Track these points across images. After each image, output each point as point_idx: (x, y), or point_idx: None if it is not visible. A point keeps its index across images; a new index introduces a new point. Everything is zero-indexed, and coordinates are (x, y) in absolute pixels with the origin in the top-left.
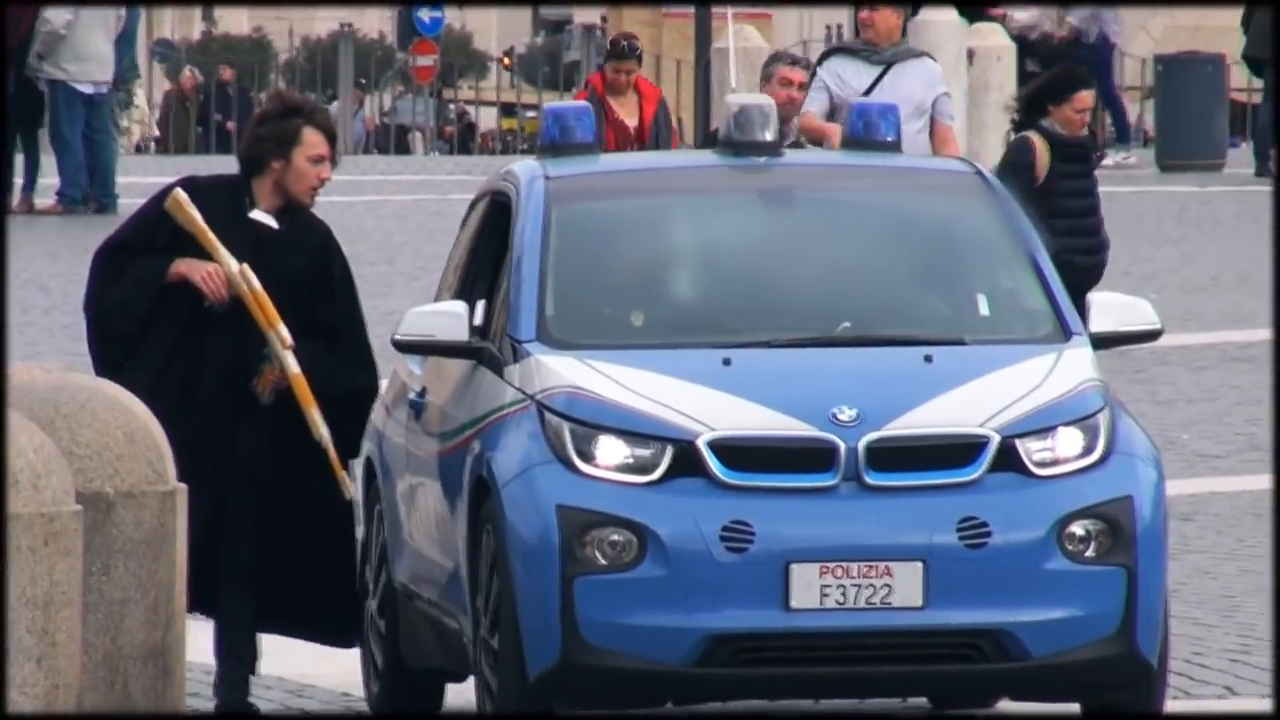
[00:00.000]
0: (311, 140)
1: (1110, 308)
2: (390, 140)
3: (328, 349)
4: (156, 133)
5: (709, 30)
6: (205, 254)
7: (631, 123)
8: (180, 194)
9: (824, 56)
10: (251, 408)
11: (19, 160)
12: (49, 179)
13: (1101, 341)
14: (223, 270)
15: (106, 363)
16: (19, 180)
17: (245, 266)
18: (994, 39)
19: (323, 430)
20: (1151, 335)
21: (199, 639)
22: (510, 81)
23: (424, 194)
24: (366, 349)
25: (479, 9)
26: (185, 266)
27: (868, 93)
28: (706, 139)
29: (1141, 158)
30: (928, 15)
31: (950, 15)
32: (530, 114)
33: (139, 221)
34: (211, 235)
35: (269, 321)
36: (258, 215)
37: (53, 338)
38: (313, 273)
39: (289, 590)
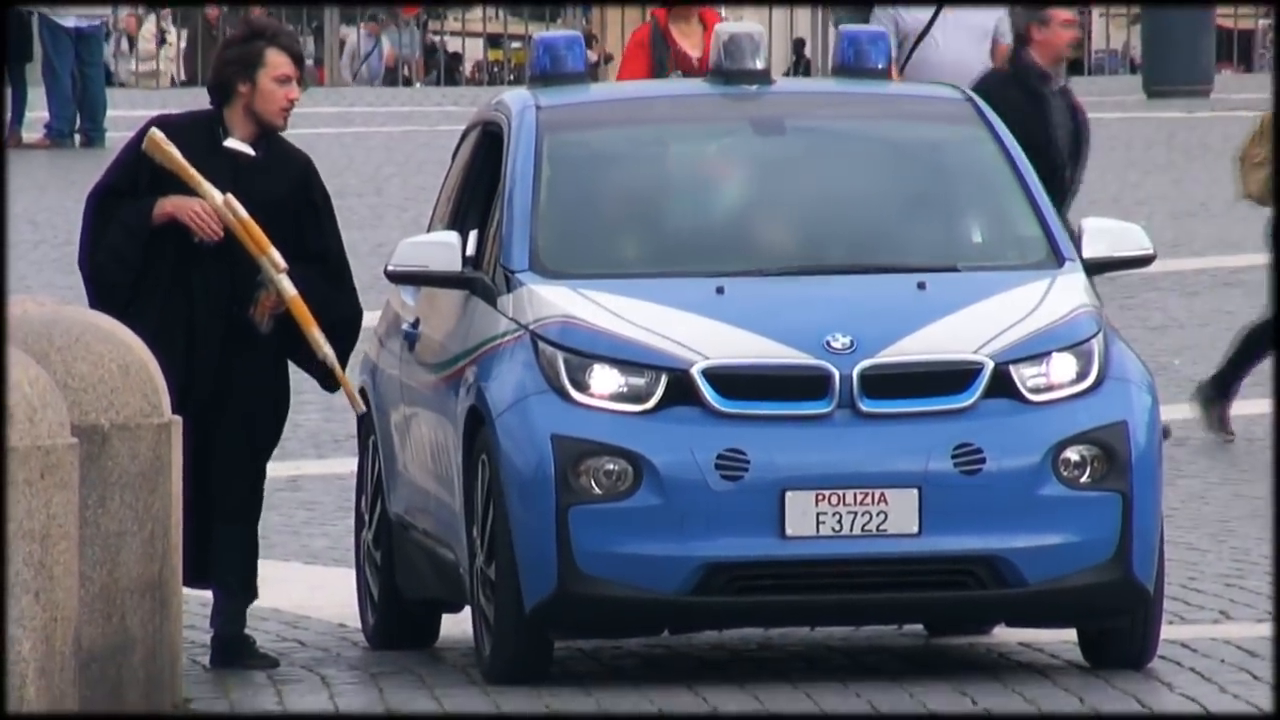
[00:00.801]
0: (275, 61)
1: (1103, 233)
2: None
3: (318, 275)
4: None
5: None
6: (187, 190)
7: (695, 54)
8: (156, 133)
9: None
10: (245, 339)
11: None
12: (37, 113)
13: (1094, 267)
14: (209, 204)
15: (108, 311)
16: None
17: (230, 196)
18: None
19: (326, 349)
20: (1144, 260)
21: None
22: (495, 13)
23: (411, 125)
24: (350, 277)
25: None
26: (171, 206)
27: (931, 22)
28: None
29: (1130, 84)
30: None
31: None
32: (515, 45)
33: (121, 164)
34: (192, 170)
35: (260, 248)
36: (233, 144)
37: (41, 272)
38: (295, 199)
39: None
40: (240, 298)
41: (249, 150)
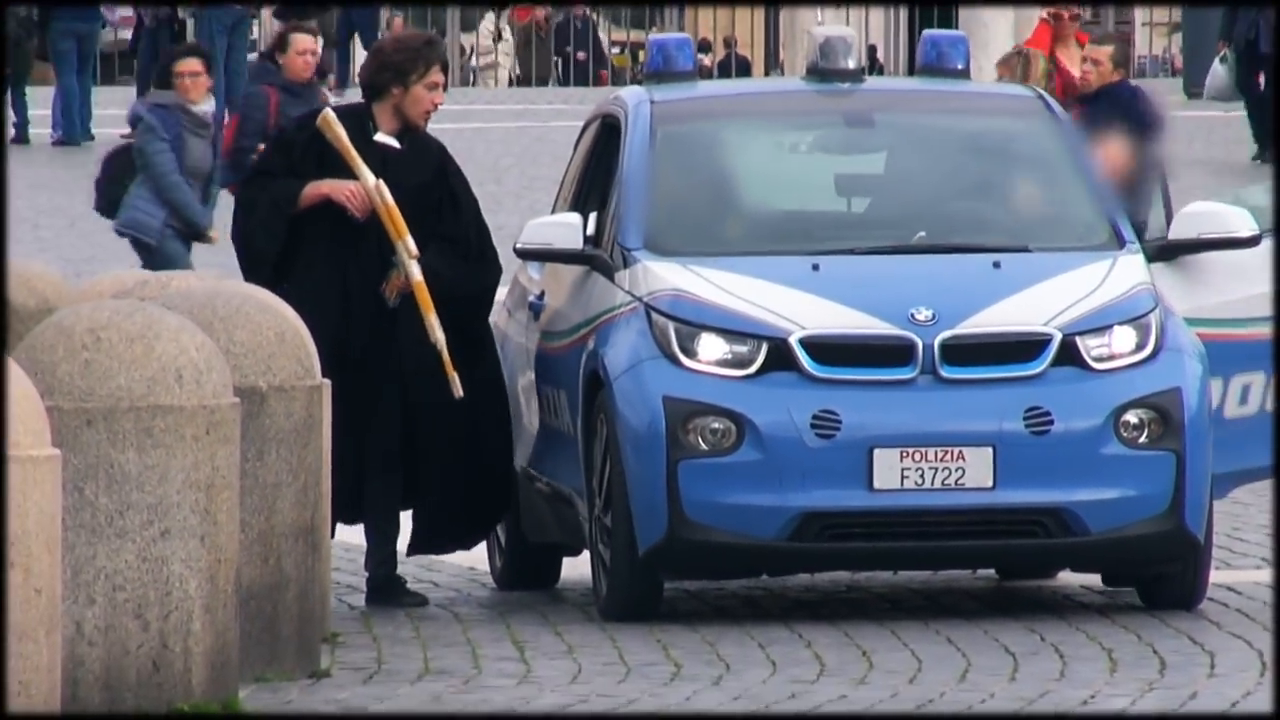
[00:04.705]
0: (429, 69)
1: (1194, 217)
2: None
3: (453, 254)
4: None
5: None
6: (332, 175)
7: (1076, 72)
8: (330, 113)
9: None
10: (392, 310)
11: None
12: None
13: (1183, 248)
14: (360, 187)
15: (256, 280)
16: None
17: (380, 182)
18: None
19: (438, 334)
20: (1236, 243)
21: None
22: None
23: (526, 121)
24: (492, 247)
25: None
26: (327, 187)
27: None
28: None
29: (1171, 86)
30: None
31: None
32: (615, 50)
33: (273, 149)
34: (354, 152)
35: (398, 233)
36: (381, 138)
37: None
38: (435, 186)
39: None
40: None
41: (395, 144)
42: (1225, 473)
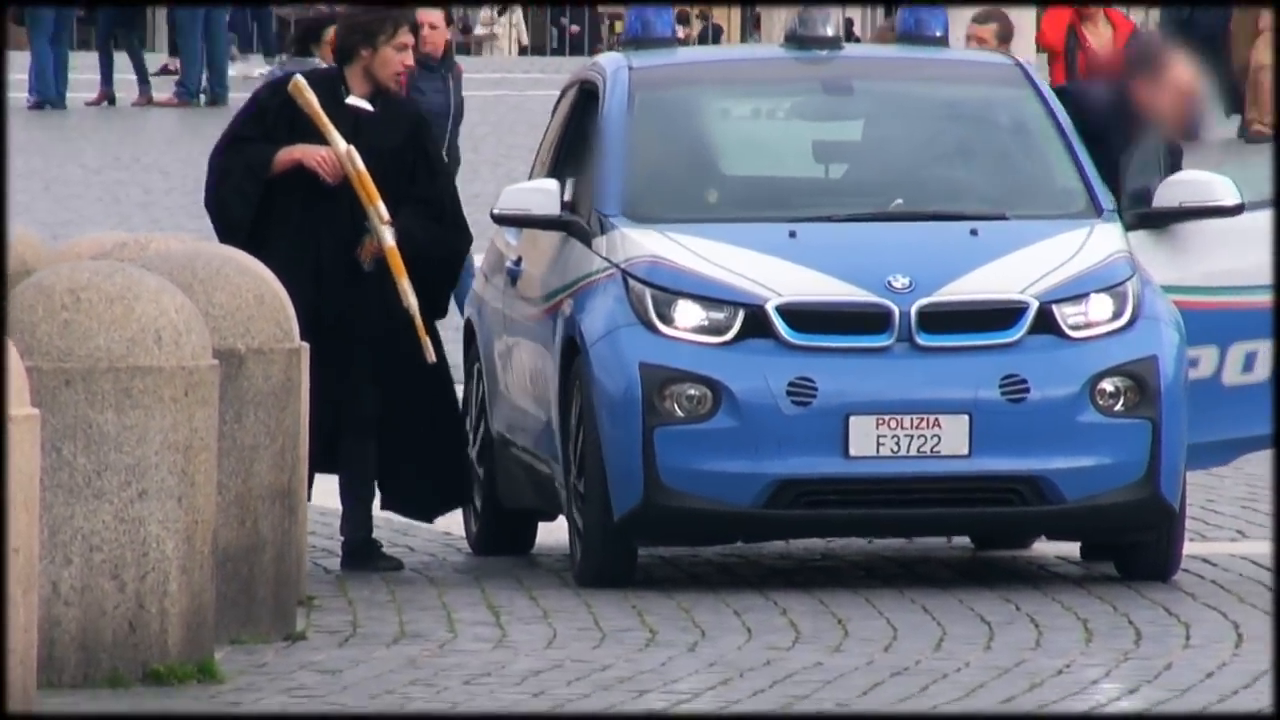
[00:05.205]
0: (397, 31)
1: (1178, 185)
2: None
3: (426, 216)
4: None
5: None
6: (308, 140)
7: (1104, 54)
8: (300, 80)
9: None
10: (365, 274)
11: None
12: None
13: (1169, 216)
14: (332, 153)
15: (231, 244)
16: (133, 78)
17: (351, 148)
18: None
19: (411, 299)
20: (1222, 211)
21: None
22: None
23: (503, 90)
24: (462, 215)
25: None
26: (300, 152)
27: None
28: None
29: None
30: None
31: None
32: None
33: (245, 116)
34: (325, 118)
35: (370, 198)
36: (354, 101)
37: (173, 216)
38: (409, 149)
39: (397, 455)
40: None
41: (368, 106)
42: (1227, 440)
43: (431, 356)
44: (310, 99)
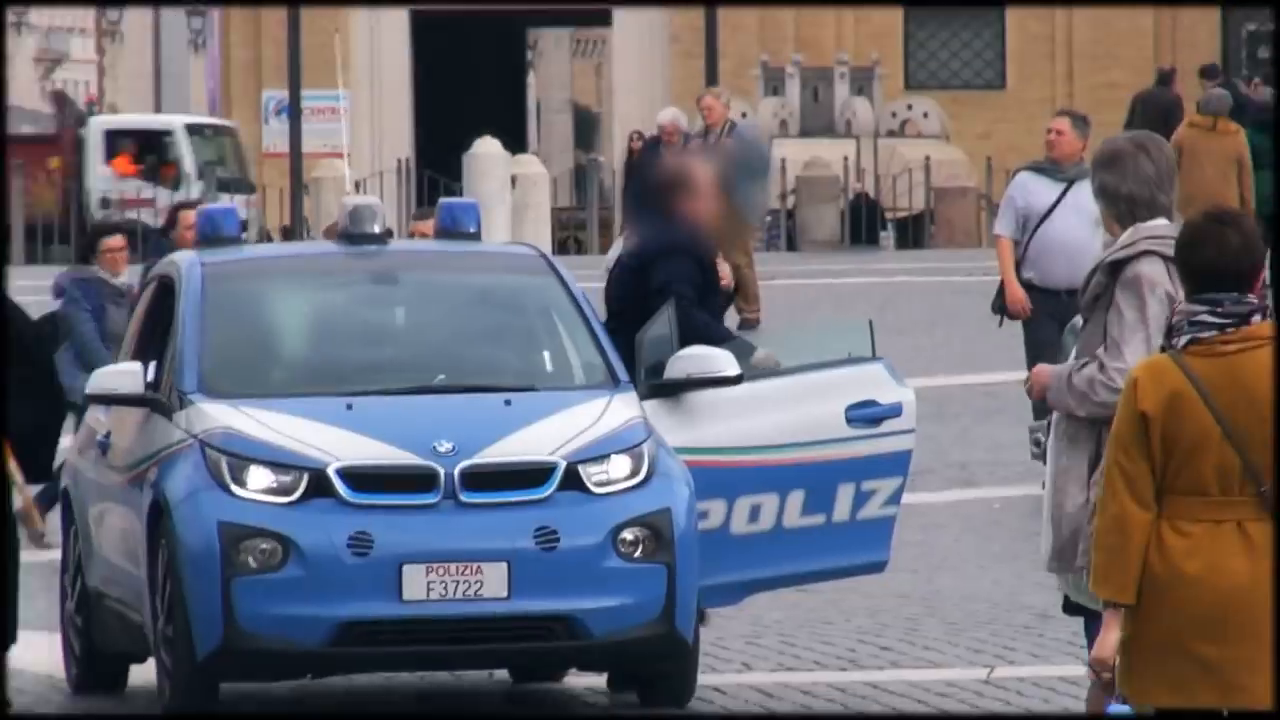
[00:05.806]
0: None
1: (686, 359)
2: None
3: (23, 399)
4: None
5: None
6: None
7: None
8: None
9: (1016, 172)
10: None
11: None
12: None
13: (677, 386)
14: None
15: None
16: None
17: None
18: (532, 168)
19: (18, 477)
20: (724, 381)
21: None
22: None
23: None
24: (58, 385)
25: None
26: None
27: (1053, 207)
28: None
29: None
30: (477, 148)
31: (496, 148)
32: None
33: None
34: None
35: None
36: None
37: None
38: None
39: None
40: None
41: None
42: (735, 581)
43: (38, 525)
44: None
